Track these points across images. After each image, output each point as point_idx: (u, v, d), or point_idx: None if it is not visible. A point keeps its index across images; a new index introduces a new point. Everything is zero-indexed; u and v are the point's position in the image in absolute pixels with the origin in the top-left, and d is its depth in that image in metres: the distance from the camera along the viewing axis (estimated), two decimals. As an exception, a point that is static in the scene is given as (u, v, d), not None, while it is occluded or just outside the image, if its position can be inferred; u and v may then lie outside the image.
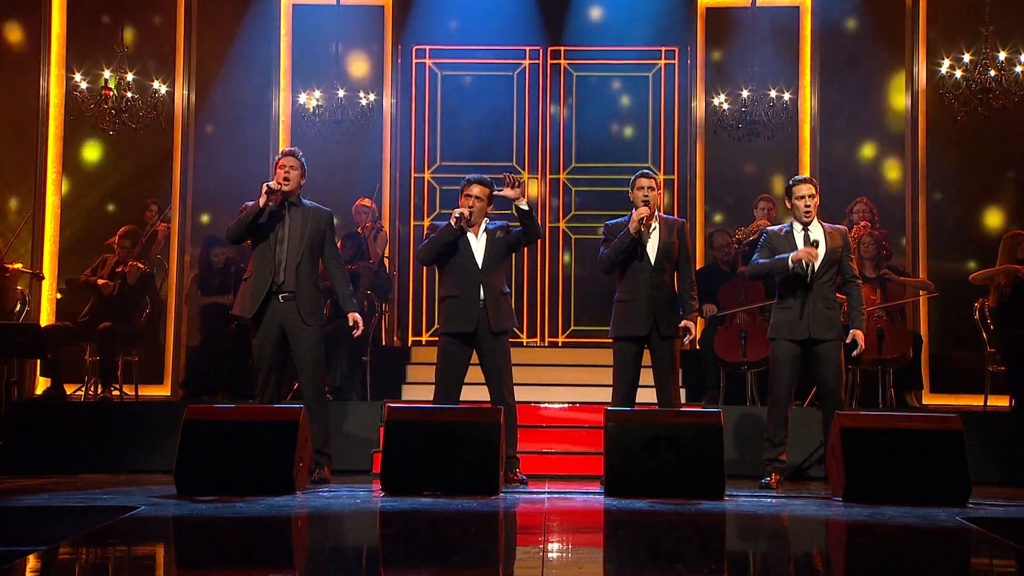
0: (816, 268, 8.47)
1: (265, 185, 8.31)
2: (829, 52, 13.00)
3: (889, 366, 10.74)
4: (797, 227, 8.57)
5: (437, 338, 8.89)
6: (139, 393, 11.57)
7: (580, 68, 13.52)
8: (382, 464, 7.59)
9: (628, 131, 13.57)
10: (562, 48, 13.43)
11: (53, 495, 7.54)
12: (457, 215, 8.47)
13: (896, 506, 7.05)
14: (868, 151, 12.96)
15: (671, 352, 8.56)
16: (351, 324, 8.60)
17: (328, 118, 12.45)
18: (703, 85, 13.05)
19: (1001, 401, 10.98)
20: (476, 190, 8.63)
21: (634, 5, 13.43)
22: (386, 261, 12.30)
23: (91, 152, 12.81)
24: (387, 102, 13.16)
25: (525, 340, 12.92)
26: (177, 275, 12.37)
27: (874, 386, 10.90)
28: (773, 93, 12.24)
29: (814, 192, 8.68)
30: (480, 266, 8.54)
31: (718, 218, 13.17)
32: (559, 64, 13.45)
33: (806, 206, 8.54)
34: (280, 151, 9.28)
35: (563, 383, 11.44)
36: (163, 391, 12.22)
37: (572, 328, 13.22)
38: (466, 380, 8.75)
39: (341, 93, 12.41)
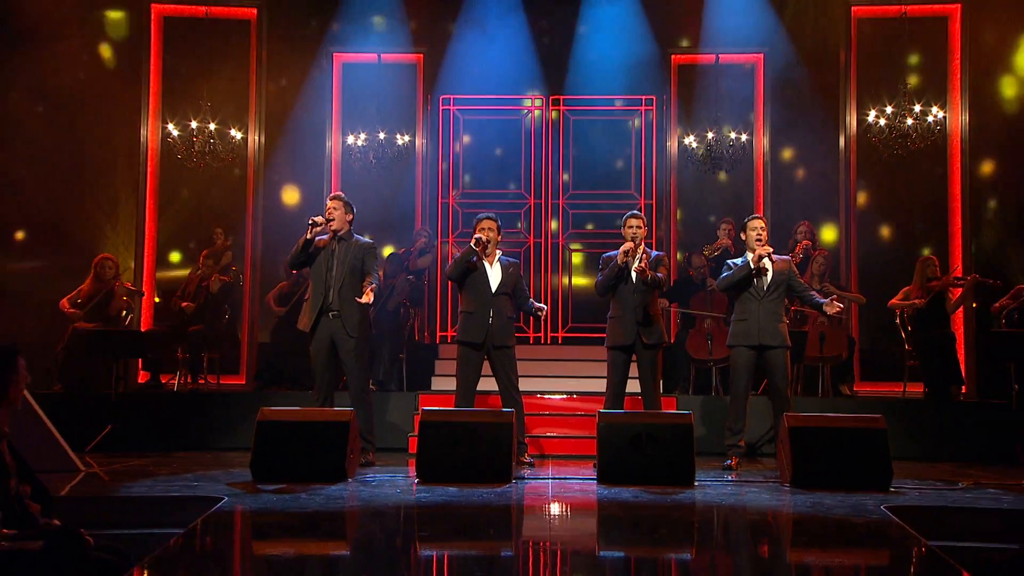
0: (766, 288, 8.45)
1: (310, 219, 8.43)
2: (778, 102, 12.84)
3: (828, 363, 10.74)
4: (751, 256, 8.50)
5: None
6: (220, 383, 11.53)
7: (576, 113, 13.32)
8: (417, 456, 7.53)
9: (615, 164, 13.35)
10: (561, 97, 13.22)
11: (155, 481, 7.46)
12: (476, 239, 8.53)
13: (832, 492, 6.98)
14: (810, 183, 12.79)
15: (653, 359, 8.53)
16: (365, 292, 8.29)
17: (371, 155, 12.32)
18: (676, 127, 12.86)
19: (917, 388, 10.95)
20: (487, 224, 8.68)
21: (619, 62, 13.14)
22: (426, 275, 12.11)
23: (181, 186, 12.71)
24: (419, 141, 12.99)
25: (532, 336, 12.74)
26: (250, 286, 12.27)
27: (815, 379, 10.84)
28: (733, 135, 12.15)
29: (764, 226, 8.68)
30: (493, 291, 8.58)
31: (684, 232, 12.99)
32: (559, 109, 13.27)
33: (757, 237, 8.55)
34: (330, 193, 9.24)
35: (564, 375, 11.30)
36: (239, 381, 12.13)
37: (571, 324, 13.02)
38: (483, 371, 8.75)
39: (382, 135, 12.30)
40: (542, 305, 9.01)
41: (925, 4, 12.26)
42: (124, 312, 11.36)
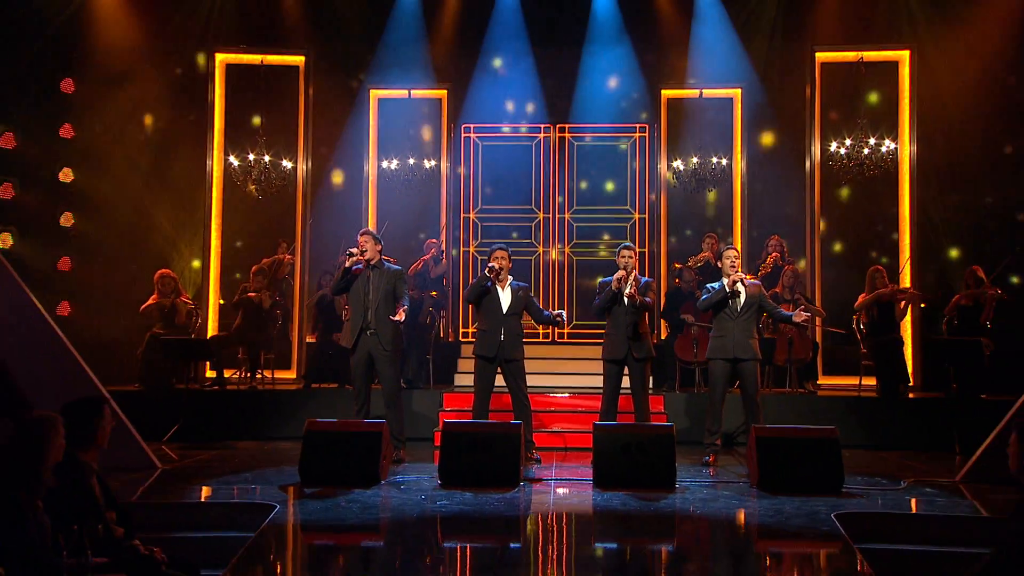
0: (740, 308, 8.48)
1: (347, 250, 8.59)
2: (753, 131, 12.80)
3: (795, 364, 10.74)
4: (726, 281, 8.53)
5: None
6: (275, 377, 11.52)
7: (579, 139, 13.32)
8: (440, 463, 7.44)
9: (613, 183, 13.35)
10: (566, 125, 13.22)
11: (218, 482, 7.50)
12: (490, 267, 8.55)
13: (792, 496, 6.91)
14: (781, 201, 12.72)
15: (642, 370, 8.56)
16: (398, 312, 8.41)
17: (403, 178, 12.44)
18: (665, 152, 12.78)
19: (870, 381, 10.91)
20: (500, 254, 8.68)
21: (616, 95, 13.27)
22: (444, 279, 12.07)
23: (240, 208, 12.68)
24: (443, 165, 12.97)
25: (541, 332, 12.75)
26: (299, 294, 12.31)
27: (784, 377, 10.88)
28: (714, 159, 12.17)
29: (738, 255, 8.72)
30: (504, 312, 8.59)
31: (675, 242, 12.91)
32: (564, 136, 13.26)
33: (732, 264, 8.59)
34: (361, 229, 9.28)
35: (568, 372, 11.40)
36: (291, 375, 12.14)
37: (575, 322, 13.04)
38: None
39: (412, 160, 12.42)
40: (560, 311, 8.97)
41: (879, 50, 12.25)
42: (194, 317, 11.48)
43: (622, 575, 5.50)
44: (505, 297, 8.62)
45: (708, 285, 8.81)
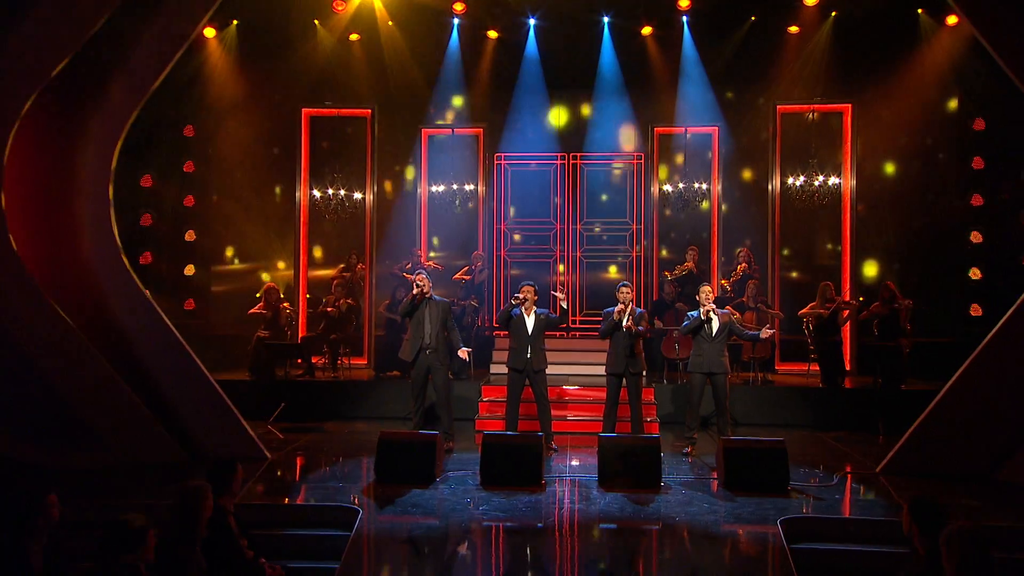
0: (714, 333, 8.53)
1: (415, 286, 8.70)
2: (727, 162, 12.84)
3: (757, 360, 10.88)
4: (702, 311, 8.58)
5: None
6: (351, 363, 11.79)
7: (589, 166, 13.37)
8: (481, 467, 7.45)
9: (616, 201, 13.41)
10: (579, 154, 13.26)
11: (314, 479, 7.67)
12: (516, 296, 8.65)
13: (749, 495, 7.00)
14: (749, 220, 12.81)
15: (637, 382, 8.63)
16: (461, 356, 8.73)
17: (448, 199, 12.62)
18: (657, 176, 12.85)
19: (816, 367, 11.08)
20: (527, 288, 8.74)
21: (617, 130, 13.33)
22: (484, 284, 12.25)
23: (322, 230, 13.02)
24: (480, 187, 13.07)
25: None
26: (369, 300, 12.46)
27: (748, 369, 11.02)
28: (696, 184, 12.25)
29: (711, 291, 8.76)
30: (530, 334, 8.66)
31: (664, 252, 13.05)
32: (577, 163, 13.31)
33: (707, 297, 8.63)
34: (417, 269, 9.39)
35: (577, 362, 11.48)
36: (363, 361, 12.29)
37: (585, 310, 13.15)
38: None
39: (455, 185, 12.59)
40: (555, 294, 9.01)
41: (827, 104, 12.22)
42: (292, 320, 11.75)
43: (617, 549, 5.95)
44: (531, 322, 8.70)
45: (690, 313, 8.87)
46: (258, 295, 11.70)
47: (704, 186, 12.45)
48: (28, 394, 7.91)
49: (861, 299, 11.85)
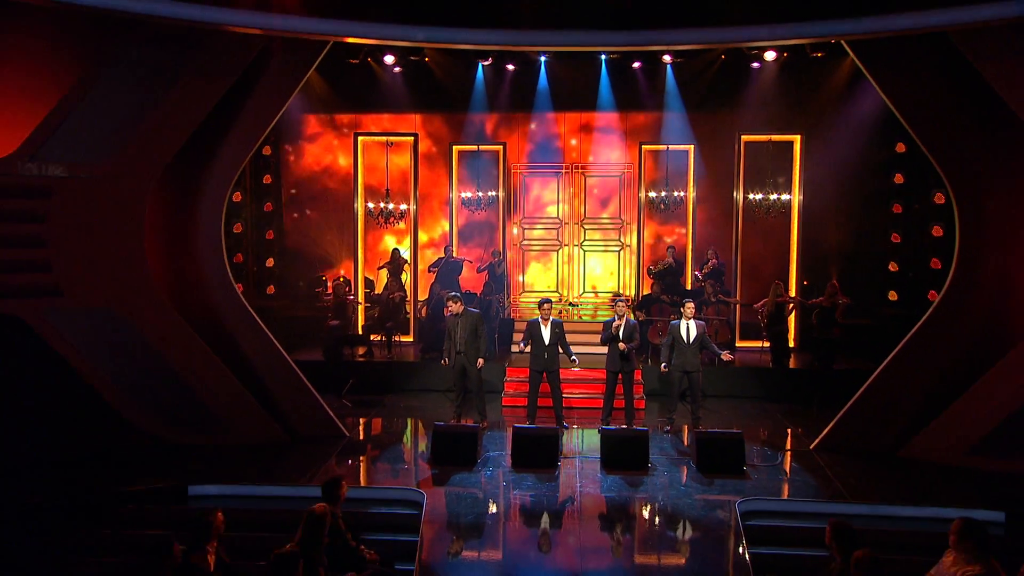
0: (691, 340, 8.76)
1: (447, 308, 9.01)
2: (701, 175, 12.89)
3: (720, 341, 11.02)
4: (683, 323, 8.82)
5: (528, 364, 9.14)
6: (400, 340, 12.14)
7: (588, 174, 13.49)
8: (511, 454, 7.77)
9: (611, 204, 13.57)
10: (580, 164, 13.40)
11: (385, 457, 8.15)
12: (541, 316, 8.92)
13: (719, 476, 7.37)
14: (718, 226, 12.89)
15: (630, 378, 8.94)
16: (477, 365, 8.79)
17: (475, 203, 12.72)
18: (645, 184, 12.95)
19: (767, 344, 11.37)
20: (547, 306, 8.99)
21: (611, 145, 13.41)
22: (505, 275, 12.59)
23: (375, 234, 13.20)
24: (501, 192, 13.21)
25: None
26: (414, 288, 12.68)
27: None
28: (675, 192, 12.30)
29: (692, 306, 8.96)
30: (547, 342, 8.90)
31: (647, 239, 13.45)
32: (578, 172, 13.46)
33: (691, 312, 8.87)
34: (448, 297, 9.35)
35: (579, 343, 11.03)
36: (410, 338, 12.62)
37: (584, 291, 13.50)
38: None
39: (480, 193, 12.77)
40: (574, 358, 8.92)
41: (781, 135, 12.27)
42: (353, 311, 12.14)
43: (614, 513, 6.51)
44: (547, 332, 8.95)
45: (673, 323, 9.02)
46: (325, 289, 12.05)
47: (682, 193, 12.60)
48: (163, 386, 8.56)
49: (806, 283, 12.14)
